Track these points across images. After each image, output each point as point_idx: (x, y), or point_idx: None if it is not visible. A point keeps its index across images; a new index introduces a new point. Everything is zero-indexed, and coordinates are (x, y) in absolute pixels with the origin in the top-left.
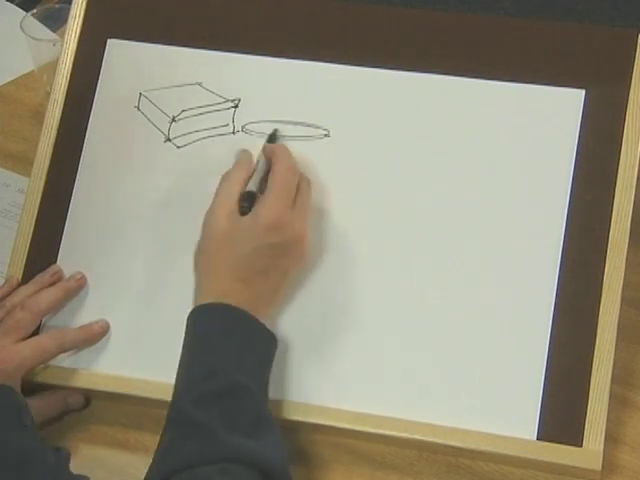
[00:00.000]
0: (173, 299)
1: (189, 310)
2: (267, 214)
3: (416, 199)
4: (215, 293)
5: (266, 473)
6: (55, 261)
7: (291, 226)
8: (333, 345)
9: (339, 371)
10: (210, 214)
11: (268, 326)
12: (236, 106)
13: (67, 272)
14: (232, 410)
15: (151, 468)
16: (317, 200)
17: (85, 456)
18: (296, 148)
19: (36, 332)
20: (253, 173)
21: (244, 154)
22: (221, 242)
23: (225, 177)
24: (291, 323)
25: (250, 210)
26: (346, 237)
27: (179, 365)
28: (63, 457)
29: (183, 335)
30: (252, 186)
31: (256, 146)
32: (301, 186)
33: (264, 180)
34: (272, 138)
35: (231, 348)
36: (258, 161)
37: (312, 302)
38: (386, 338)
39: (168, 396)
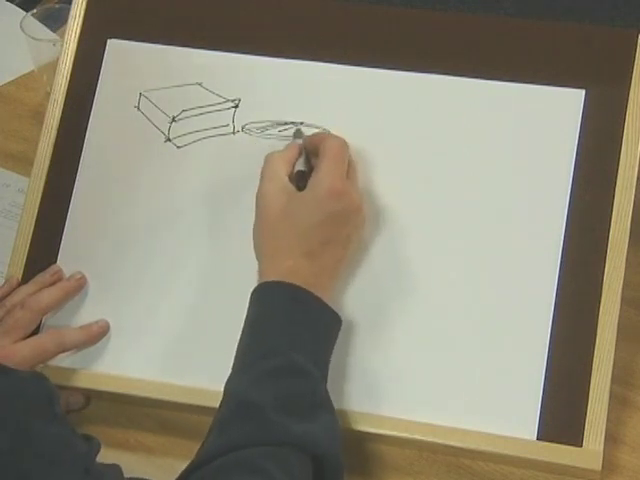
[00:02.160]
0: (173, 299)
1: (189, 310)
2: (325, 183)
3: (416, 199)
4: (279, 270)
5: (317, 457)
6: (55, 261)
7: (349, 194)
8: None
9: (338, 371)
10: (263, 194)
11: (332, 300)
12: (236, 106)
13: (67, 272)
14: (287, 391)
15: (202, 444)
16: None
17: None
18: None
19: (36, 332)
20: (299, 158)
21: (290, 143)
22: (281, 219)
23: (268, 157)
24: None
25: (304, 188)
26: None
27: (239, 341)
28: (94, 446)
29: (183, 335)
30: (301, 166)
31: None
32: (351, 161)
33: (309, 167)
34: (298, 133)
35: (292, 328)
36: (301, 149)
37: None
38: (386, 339)
39: (168, 396)
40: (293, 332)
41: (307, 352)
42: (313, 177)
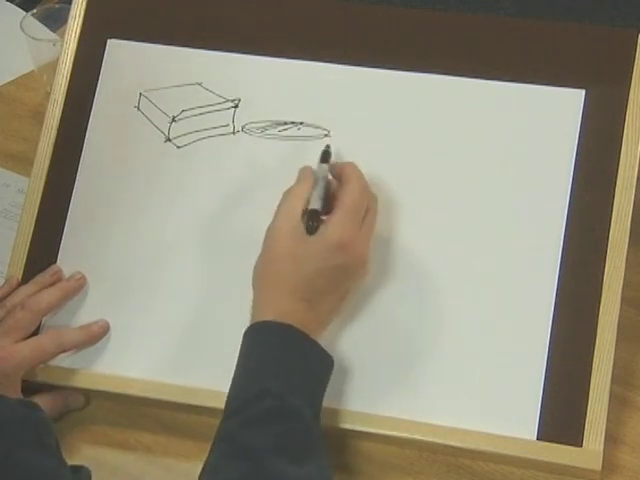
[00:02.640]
0: (173, 299)
1: (188, 310)
2: (336, 235)
3: (416, 199)
4: (275, 311)
5: None
6: (55, 261)
7: (357, 248)
8: (333, 347)
9: (337, 371)
10: (274, 230)
11: (324, 343)
12: (236, 106)
13: (67, 272)
14: (281, 434)
15: None
16: None
17: (85, 456)
18: (296, 148)
19: (36, 332)
20: (315, 191)
21: (305, 169)
22: (285, 260)
23: (288, 193)
24: None
25: (317, 228)
26: None
27: (232, 381)
28: (83, 476)
29: (182, 335)
30: (316, 204)
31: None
32: (370, 206)
33: (326, 197)
34: (326, 155)
35: (286, 370)
36: (317, 178)
37: None
38: (386, 339)
39: (168, 396)
40: (287, 374)
41: (301, 394)
42: (326, 224)
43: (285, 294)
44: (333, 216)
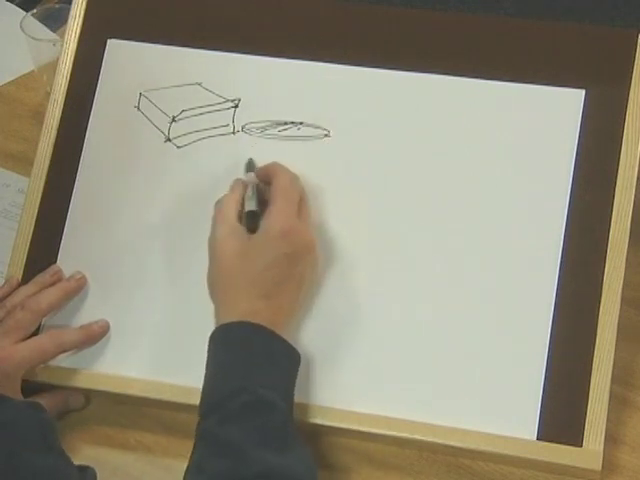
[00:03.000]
0: (173, 299)
1: (188, 310)
2: (276, 225)
3: (416, 199)
4: (237, 313)
5: None
6: (55, 261)
7: (300, 234)
8: (332, 347)
9: (338, 372)
10: (214, 239)
11: (290, 338)
12: (236, 106)
13: (67, 272)
14: (259, 426)
15: None
16: (317, 200)
17: (85, 456)
18: (296, 148)
19: (36, 332)
20: (247, 196)
21: (235, 181)
22: (234, 262)
23: (218, 202)
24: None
25: (257, 227)
26: (346, 237)
27: (203, 383)
28: (89, 476)
29: (182, 335)
30: (251, 206)
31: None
32: (302, 197)
33: (261, 201)
34: (250, 165)
35: (255, 366)
36: (248, 185)
37: (313, 306)
38: (385, 339)
39: (167, 396)
40: (257, 369)
41: (273, 387)
42: (265, 219)
43: (242, 295)
44: (270, 209)
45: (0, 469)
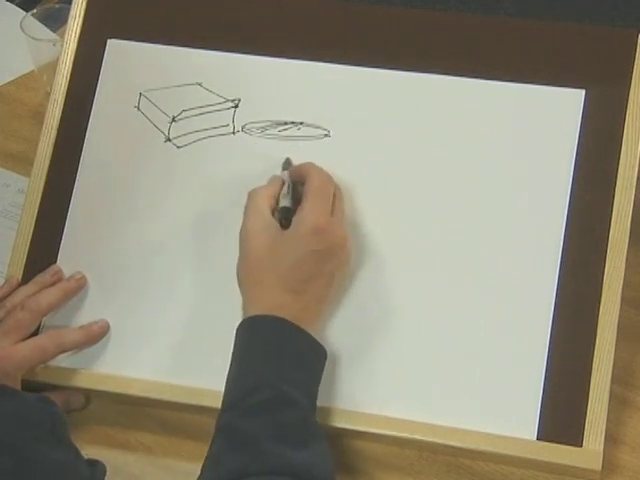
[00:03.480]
0: (173, 298)
1: (188, 310)
2: (308, 221)
3: (416, 199)
4: (264, 305)
5: None
6: (55, 261)
7: (332, 232)
8: (331, 349)
9: (338, 372)
10: (246, 231)
11: (317, 335)
12: (236, 106)
13: (67, 272)
14: (279, 422)
15: (198, 478)
16: None
17: (85, 456)
18: (296, 148)
19: (36, 332)
20: (281, 192)
21: (273, 176)
22: (265, 256)
23: (252, 194)
24: None
25: (289, 224)
26: None
27: (227, 376)
28: (98, 471)
29: (182, 335)
30: (286, 202)
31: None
32: (336, 194)
33: (295, 199)
34: (287, 164)
35: (279, 361)
36: (284, 182)
37: None
38: (384, 339)
39: (167, 396)
40: (282, 364)
41: (296, 383)
42: (297, 215)
43: (270, 289)
44: (303, 205)
45: (11, 461)
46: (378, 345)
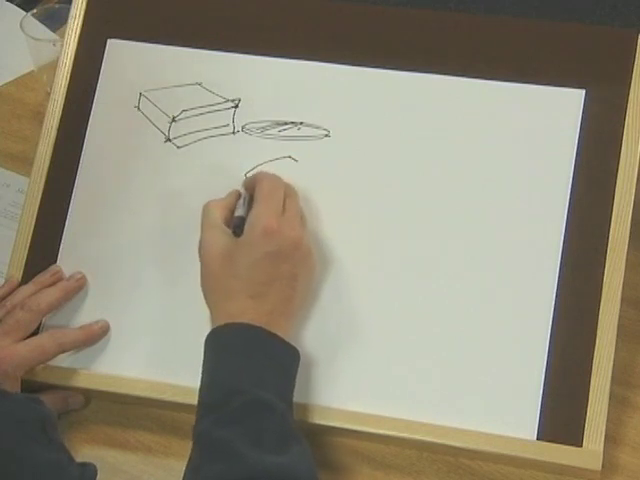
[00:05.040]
0: (173, 299)
1: (188, 309)
2: (257, 224)
3: (416, 200)
4: (228, 314)
5: None
6: (55, 261)
7: (284, 232)
8: (331, 347)
9: (339, 372)
10: (202, 243)
11: (289, 337)
12: (236, 106)
13: (67, 272)
14: (255, 427)
15: None
16: (316, 200)
17: (85, 456)
18: (296, 148)
19: (36, 332)
20: (238, 203)
21: (231, 190)
22: (222, 265)
23: (205, 207)
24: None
25: (243, 232)
26: (346, 237)
27: (200, 387)
28: (89, 472)
29: (182, 335)
30: (240, 212)
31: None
32: (288, 193)
33: (251, 208)
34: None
35: (249, 366)
36: (241, 193)
37: (313, 307)
38: (385, 339)
39: (167, 396)
40: (253, 369)
41: (270, 387)
42: (248, 220)
43: (233, 296)
44: (253, 211)
45: (3, 463)
46: (378, 346)
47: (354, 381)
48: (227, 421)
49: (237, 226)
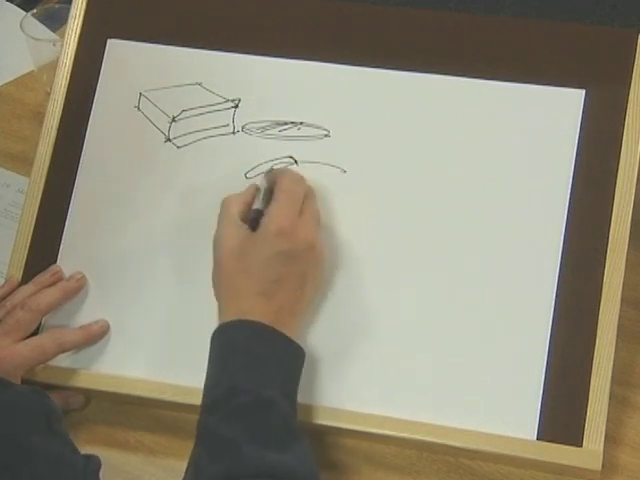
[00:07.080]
0: (174, 298)
1: (189, 309)
2: (273, 222)
3: (416, 200)
4: (237, 310)
5: None
6: (55, 261)
7: (299, 233)
8: (331, 348)
9: (339, 372)
10: (217, 237)
11: (296, 337)
12: (236, 106)
13: (67, 272)
14: (258, 425)
15: None
16: (316, 200)
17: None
18: (296, 148)
19: (36, 332)
20: (256, 196)
21: (250, 184)
22: (234, 260)
23: (224, 201)
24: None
25: (258, 225)
26: (346, 237)
27: (204, 383)
28: (93, 464)
29: (183, 335)
30: (258, 205)
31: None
32: (307, 194)
33: (269, 200)
34: (268, 173)
35: (255, 363)
36: (259, 186)
37: (316, 308)
38: (385, 339)
39: (168, 396)
40: (258, 367)
41: (274, 385)
42: (264, 216)
43: (242, 293)
44: (270, 207)
45: (9, 454)
46: (378, 346)
47: (354, 381)
48: (230, 418)
49: (254, 219)
